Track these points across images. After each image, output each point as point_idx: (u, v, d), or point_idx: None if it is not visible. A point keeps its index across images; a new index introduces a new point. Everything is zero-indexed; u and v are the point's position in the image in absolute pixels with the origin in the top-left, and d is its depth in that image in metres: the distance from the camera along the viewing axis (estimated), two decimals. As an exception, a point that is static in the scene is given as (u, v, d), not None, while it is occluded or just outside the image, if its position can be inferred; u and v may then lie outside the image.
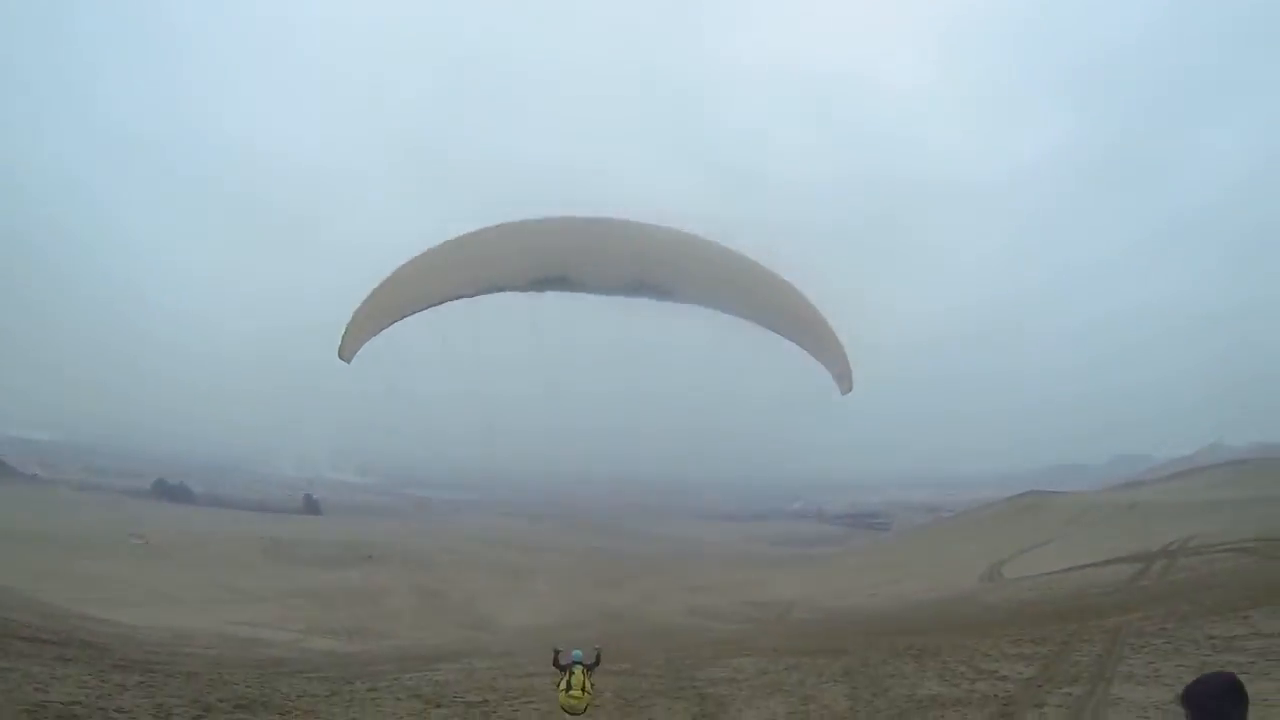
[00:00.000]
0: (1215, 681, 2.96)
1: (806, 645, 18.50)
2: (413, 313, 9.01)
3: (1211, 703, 2.88)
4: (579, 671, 8.28)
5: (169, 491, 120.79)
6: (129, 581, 44.83)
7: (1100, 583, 29.08)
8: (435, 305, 8.93)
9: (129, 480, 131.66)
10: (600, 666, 8.61)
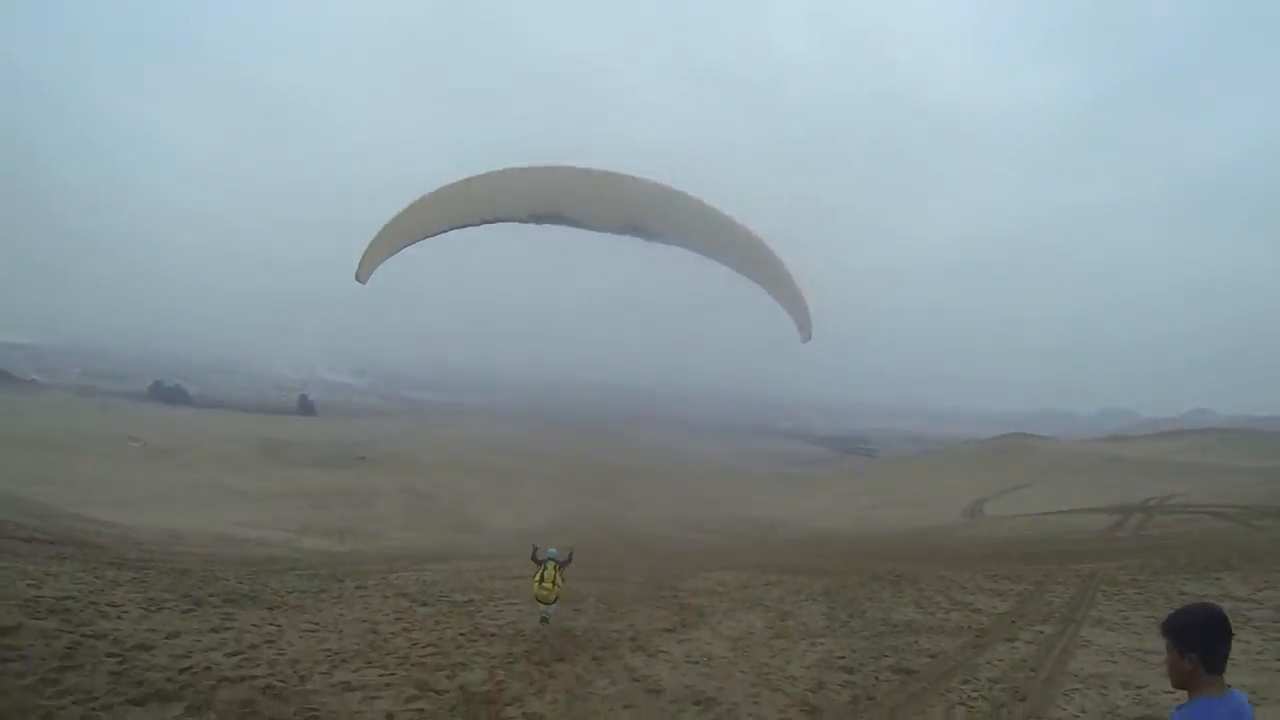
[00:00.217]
0: (1199, 611, 2.83)
1: (788, 563, 19.14)
2: (424, 238, 10.27)
3: (1192, 632, 2.77)
4: (551, 567, 9.72)
5: (165, 394, 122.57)
6: (127, 484, 45.96)
7: (1077, 529, 29.93)
8: (445, 232, 10.24)
9: (126, 384, 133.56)
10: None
